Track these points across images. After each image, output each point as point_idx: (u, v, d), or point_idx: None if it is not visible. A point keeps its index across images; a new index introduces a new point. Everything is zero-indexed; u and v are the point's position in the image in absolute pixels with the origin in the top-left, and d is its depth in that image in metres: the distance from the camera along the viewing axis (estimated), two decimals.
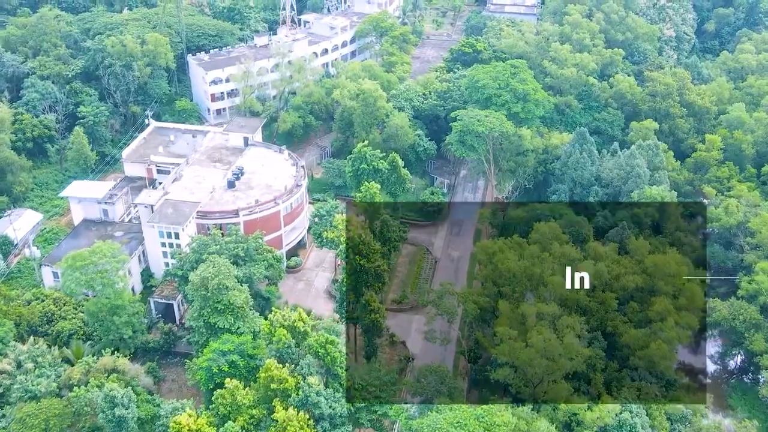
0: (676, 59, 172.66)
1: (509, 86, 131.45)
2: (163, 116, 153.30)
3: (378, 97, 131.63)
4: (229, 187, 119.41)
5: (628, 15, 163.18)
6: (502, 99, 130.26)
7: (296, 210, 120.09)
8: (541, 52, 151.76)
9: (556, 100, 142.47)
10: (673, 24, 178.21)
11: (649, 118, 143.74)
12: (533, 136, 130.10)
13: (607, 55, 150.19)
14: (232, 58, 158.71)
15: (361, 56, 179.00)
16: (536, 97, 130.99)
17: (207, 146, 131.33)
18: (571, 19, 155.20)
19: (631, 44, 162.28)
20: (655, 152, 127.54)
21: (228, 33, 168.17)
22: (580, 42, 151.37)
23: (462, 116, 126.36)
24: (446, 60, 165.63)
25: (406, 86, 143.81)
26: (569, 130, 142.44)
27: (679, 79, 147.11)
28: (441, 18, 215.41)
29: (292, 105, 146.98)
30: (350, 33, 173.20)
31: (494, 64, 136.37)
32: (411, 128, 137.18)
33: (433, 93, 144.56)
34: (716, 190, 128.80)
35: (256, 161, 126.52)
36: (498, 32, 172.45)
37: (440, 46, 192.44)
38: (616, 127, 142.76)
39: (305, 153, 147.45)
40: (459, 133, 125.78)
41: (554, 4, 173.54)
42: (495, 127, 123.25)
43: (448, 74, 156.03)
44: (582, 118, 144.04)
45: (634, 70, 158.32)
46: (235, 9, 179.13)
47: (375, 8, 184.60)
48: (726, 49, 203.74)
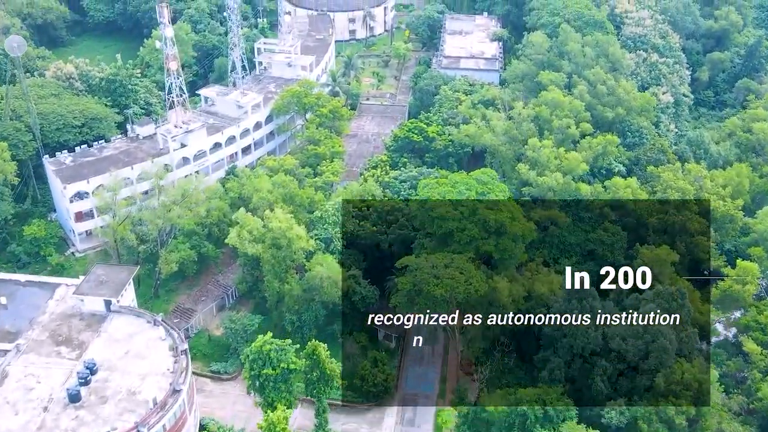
0: (676, 132, 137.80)
1: (476, 214, 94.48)
2: (9, 246, 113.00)
3: (293, 238, 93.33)
4: (72, 400, 79.89)
5: (619, 84, 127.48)
6: (468, 234, 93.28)
7: (174, 429, 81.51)
8: (514, 145, 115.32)
9: (539, 216, 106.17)
10: (668, 84, 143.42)
11: (658, 232, 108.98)
12: (512, 287, 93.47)
13: (598, 147, 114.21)
14: (104, 159, 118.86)
15: (280, 139, 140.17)
16: (514, 229, 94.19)
17: (52, 314, 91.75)
18: (550, 98, 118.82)
19: (623, 121, 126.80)
20: (681, 303, 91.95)
21: (101, 121, 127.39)
22: (563, 130, 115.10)
23: (411, 267, 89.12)
24: (389, 148, 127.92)
25: (336, 204, 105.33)
26: (554, 256, 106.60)
27: (695, 177, 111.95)
28: (383, 69, 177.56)
29: (182, 231, 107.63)
30: (265, 111, 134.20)
31: (453, 180, 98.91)
32: (344, 269, 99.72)
33: (372, 213, 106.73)
34: (760, 347, 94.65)
35: (119, 344, 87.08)
36: (454, 105, 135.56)
37: (383, 114, 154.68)
38: (618, 251, 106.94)
39: (201, 297, 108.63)
40: (408, 292, 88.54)
41: (522, 68, 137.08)
42: (459, 287, 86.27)
43: (393, 172, 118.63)
44: (572, 237, 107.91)
45: (630, 157, 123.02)
46: (116, 80, 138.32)
47: (298, 72, 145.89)
48: (722, 100, 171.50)
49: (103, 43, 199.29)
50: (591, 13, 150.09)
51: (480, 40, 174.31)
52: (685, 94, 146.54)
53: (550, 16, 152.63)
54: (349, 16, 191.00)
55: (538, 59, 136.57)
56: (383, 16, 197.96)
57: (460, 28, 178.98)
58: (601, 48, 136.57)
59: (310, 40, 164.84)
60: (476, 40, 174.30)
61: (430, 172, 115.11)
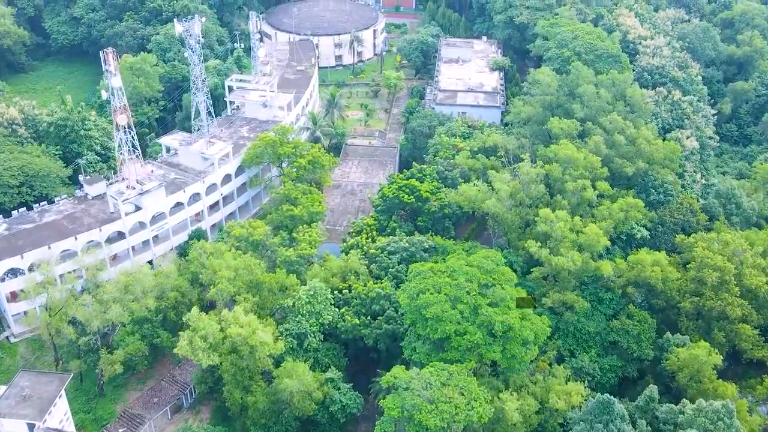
0: (703, 182, 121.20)
1: (479, 314, 77.87)
2: None
3: (256, 345, 76.60)
4: None
5: (639, 131, 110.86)
6: (469, 340, 76.62)
7: None
8: (521, 211, 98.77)
9: (552, 301, 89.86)
10: (692, 126, 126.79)
11: (692, 317, 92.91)
12: (523, 401, 77.07)
13: (620, 213, 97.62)
14: (44, 226, 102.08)
15: (254, 191, 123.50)
16: (523, 332, 77.53)
17: None
18: (562, 154, 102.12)
19: (645, 175, 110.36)
20: (729, 423, 75.62)
21: (43, 178, 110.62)
22: (578, 193, 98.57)
23: (398, 385, 72.54)
24: (376, 208, 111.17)
25: (312, 289, 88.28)
26: (570, 347, 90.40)
27: (734, 251, 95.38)
28: (372, 100, 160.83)
29: (133, 317, 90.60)
30: (235, 162, 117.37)
31: (451, 269, 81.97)
32: (319, 371, 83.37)
33: (356, 301, 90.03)
34: None
35: None
36: (451, 153, 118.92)
37: (371, 157, 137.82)
38: (645, 343, 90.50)
39: (153, 399, 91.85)
40: (395, 420, 72.06)
41: (528, 111, 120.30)
42: (459, 415, 69.76)
43: (381, 239, 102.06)
44: (591, 325, 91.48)
45: (653, 218, 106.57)
46: (66, 125, 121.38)
47: (274, 112, 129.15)
48: (746, 134, 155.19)
49: (67, 69, 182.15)
50: (604, 46, 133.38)
51: (479, 69, 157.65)
52: (711, 136, 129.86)
53: (558, 48, 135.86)
54: (335, 40, 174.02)
55: (545, 101, 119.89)
56: (372, 39, 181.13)
57: (457, 55, 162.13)
58: (617, 88, 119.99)
59: (290, 71, 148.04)
60: (474, 69, 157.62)
61: (422, 243, 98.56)
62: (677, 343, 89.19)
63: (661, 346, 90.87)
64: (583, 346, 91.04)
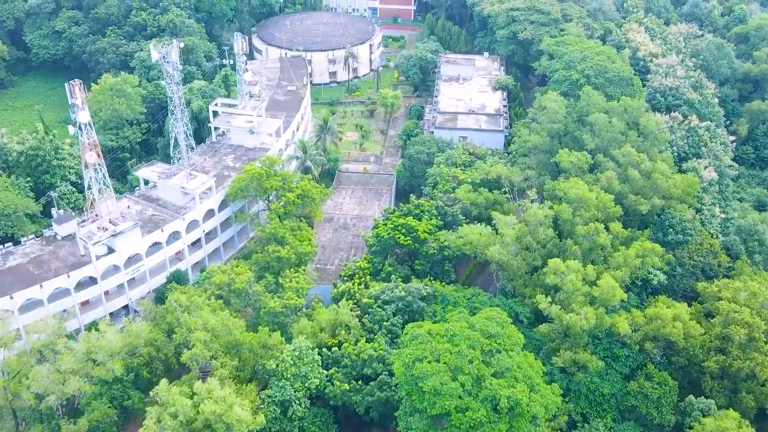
0: (722, 217, 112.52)
1: (482, 386, 69.34)
2: None
3: (233, 423, 68.04)
4: None
5: (654, 164, 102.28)
6: (471, 418, 68.04)
7: None
8: (528, 256, 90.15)
9: (563, 360, 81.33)
10: (710, 155, 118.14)
11: (717, 377, 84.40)
12: None
13: (636, 261, 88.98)
14: (7, 272, 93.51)
15: (238, 227, 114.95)
16: (534, 408, 69.00)
17: None
18: (572, 194, 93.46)
19: (660, 213, 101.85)
20: None
21: (9, 216, 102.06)
22: (590, 238, 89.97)
23: None
24: (371, 248, 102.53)
25: (297, 350, 79.54)
26: (582, 411, 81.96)
27: (762, 303, 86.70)
28: (367, 120, 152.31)
29: (97, 377, 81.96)
30: (218, 196, 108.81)
31: (451, 333, 73.32)
32: None
33: (346, 360, 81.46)
34: None
35: None
36: (451, 186, 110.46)
37: (366, 185, 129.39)
38: (666, 409, 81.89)
39: None
40: None
41: (534, 140, 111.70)
42: None
43: (374, 285, 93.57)
44: (605, 386, 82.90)
45: (671, 260, 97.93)
46: (38, 155, 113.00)
47: (262, 139, 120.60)
48: (763, 157, 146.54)
49: (48, 85, 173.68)
50: (615, 68, 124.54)
51: (480, 88, 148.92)
52: (729, 165, 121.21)
53: (566, 70, 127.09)
54: (328, 56, 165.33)
55: (553, 129, 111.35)
56: (369, 54, 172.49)
57: (457, 73, 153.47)
58: (629, 115, 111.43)
59: (281, 92, 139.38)
60: (476, 88, 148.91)
61: (419, 291, 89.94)
62: (701, 407, 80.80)
63: (683, 410, 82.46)
64: (597, 410, 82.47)
